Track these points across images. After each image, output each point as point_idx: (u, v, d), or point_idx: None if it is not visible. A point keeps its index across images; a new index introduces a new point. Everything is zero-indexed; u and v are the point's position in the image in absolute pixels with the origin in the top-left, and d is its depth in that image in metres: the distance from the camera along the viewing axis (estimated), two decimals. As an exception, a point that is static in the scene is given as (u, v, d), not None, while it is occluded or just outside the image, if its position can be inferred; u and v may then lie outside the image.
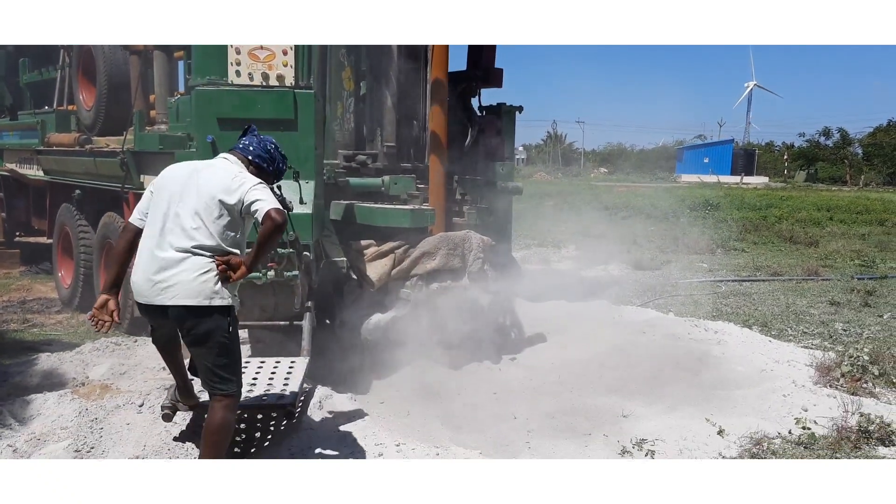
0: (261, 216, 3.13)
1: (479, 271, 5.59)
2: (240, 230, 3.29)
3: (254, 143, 3.43)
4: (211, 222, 3.16)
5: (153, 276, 3.14)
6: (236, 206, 3.18)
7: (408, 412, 4.76)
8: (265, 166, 3.44)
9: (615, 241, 12.71)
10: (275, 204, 3.18)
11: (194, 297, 3.14)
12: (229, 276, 3.17)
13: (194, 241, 3.15)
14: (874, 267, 11.68)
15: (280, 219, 3.12)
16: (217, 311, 3.18)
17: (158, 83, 6.51)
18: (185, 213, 3.16)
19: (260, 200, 3.17)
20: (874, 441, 4.32)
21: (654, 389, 5.27)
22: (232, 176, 3.24)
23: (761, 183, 48.48)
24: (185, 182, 3.23)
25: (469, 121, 6.49)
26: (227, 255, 3.20)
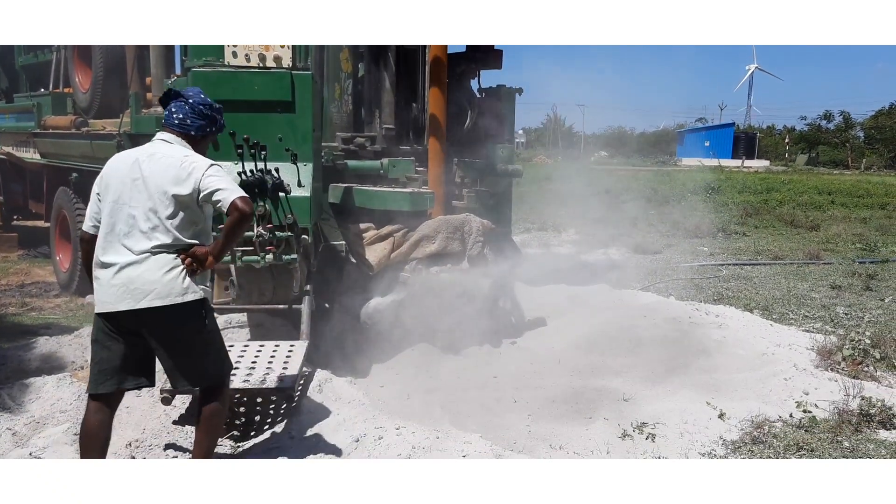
0: (226, 206, 2.96)
1: (478, 255, 5.56)
2: (201, 220, 3.11)
3: (183, 111, 3.14)
4: (167, 219, 2.98)
5: (113, 279, 2.97)
6: (192, 195, 2.98)
7: (408, 395, 4.75)
8: (209, 130, 3.21)
9: (615, 225, 12.69)
10: (238, 191, 3.00)
11: (164, 296, 2.97)
12: (196, 270, 3.03)
13: (153, 241, 2.98)
14: (876, 251, 11.65)
15: (248, 208, 2.96)
16: (191, 308, 3.03)
17: (155, 65, 6.44)
18: (139, 214, 2.98)
19: (221, 189, 2.98)
20: (875, 424, 4.31)
21: (654, 373, 5.26)
22: (179, 164, 3.00)
23: (762, 166, 48.36)
24: (130, 179, 3.01)
25: (468, 103, 6.43)
26: (191, 249, 3.03)
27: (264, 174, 4.30)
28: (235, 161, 4.29)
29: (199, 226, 3.10)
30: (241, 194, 2.99)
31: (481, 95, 6.61)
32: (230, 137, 4.23)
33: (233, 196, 2.96)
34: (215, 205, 3.00)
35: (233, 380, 3.84)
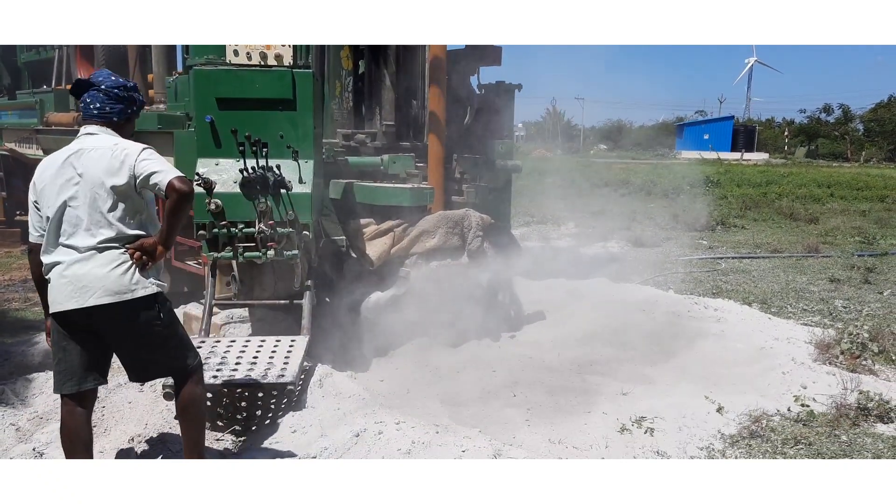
0: (163, 188, 2.85)
1: (478, 249, 5.60)
2: (143, 208, 3.02)
3: (99, 99, 3.01)
4: (109, 212, 2.90)
5: (61, 278, 2.90)
6: (129, 183, 2.89)
7: (407, 390, 4.79)
8: (130, 112, 3.08)
9: (615, 218, 12.71)
10: (174, 171, 2.90)
11: (113, 293, 2.89)
12: (147, 263, 2.96)
13: (98, 237, 2.90)
14: (874, 244, 11.68)
15: (186, 187, 2.85)
16: (142, 303, 2.95)
17: (156, 62, 6.47)
18: (82, 213, 2.89)
19: (157, 172, 2.87)
20: (873, 418, 4.35)
21: (653, 367, 5.30)
22: (110, 153, 2.91)
23: (762, 159, 48.37)
24: (64, 179, 2.92)
25: (468, 99, 6.45)
26: (138, 241, 2.96)
27: (266, 171, 4.33)
28: (237, 158, 4.33)
29: (142, 214, 3.01)
30: (177, 174, 2.88)
31: (480, 91, 6.63)
32: (232, 135, 4.28)
33: (169, 176, 2.86)
34: (153, 188, 2.90)
35: (234, 375, 3.90)
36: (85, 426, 3.08)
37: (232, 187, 4.36)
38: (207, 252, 4.46)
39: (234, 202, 4.36)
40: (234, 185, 4.36)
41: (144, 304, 2.96)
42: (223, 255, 4.45)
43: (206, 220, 4.35)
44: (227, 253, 4.44)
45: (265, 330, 4.87)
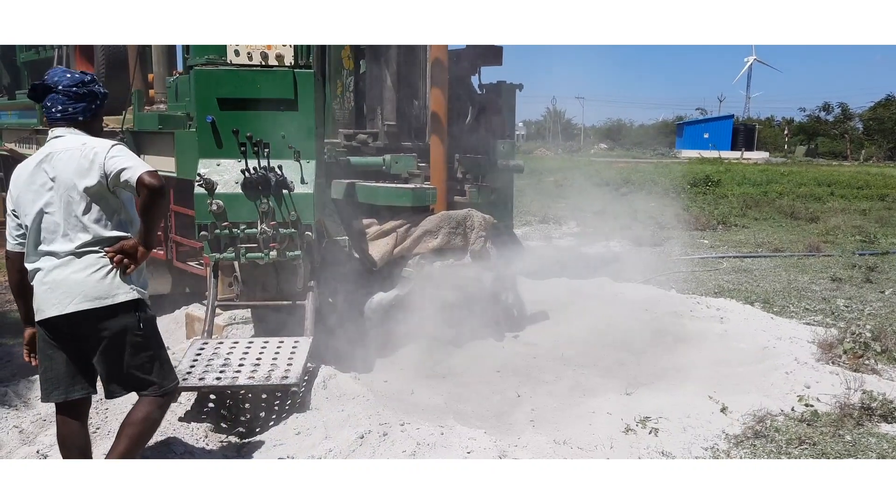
0: (134, 183, 2.76)
1: (481, 249, 5.59)
2: (120, 208, 2.93)
3: (60, 101, 2.91)
4: (84, 215, 2.83)
5: (42, 285, 2.85)
6: (101, 182, 2.81)
7: (412, 391, 4.78)
8: (95, 107, 2.99)
9: (616, 218, 12.70)
10: (144, 166, 2.81)
11: (92, 298, 2.82)
12: (128, 265, 2.87)
13: (76, 241, 2.84)
14: (875, 242, 11.67)
15: (156, 182, 2.76)
16: (122, 309, 2.86)
17: (157, 62, 6.46)
18: (57, 217, 2.83)
19: (127, 169, 2.78)
20: (877, 418, 4.33)
21: (656, 367, 5.30)
22: (80, 154, 2.83)
23: (762, 158, 48.36)
24: (38, 185, 2.85)
25: (469, 99, 6.44)
26: (118, 243, 2.87)
27: (267, 172, 4.32)
28: (239, 158, 4.32)
29: (120, 214, 2.93)
30: (146, 169, 2.79)
31: (482, 91, 6.62)
32: (233, 135, 4.26)
33: (138, 171, 2.77)
34: (125, 185, 2.81)
35: (237, 376, 3.89)
36: (79, 434, 3.05)
37: (233, 188, 4.35)
38: (209, 253, 4.45)
39: (236, 203, 4.35)
40: (236, 186, 4.35)
41: (124, 311, 2.88)
42: (225, 255, 4.44)
43: (208, 221, 4.34)
44: (229, 254, 4.43)
45: (268, 331, 4.85)
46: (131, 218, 2.98)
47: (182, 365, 3.96)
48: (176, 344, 5.49)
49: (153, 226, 2.91)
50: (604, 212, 13.78)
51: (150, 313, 3.02)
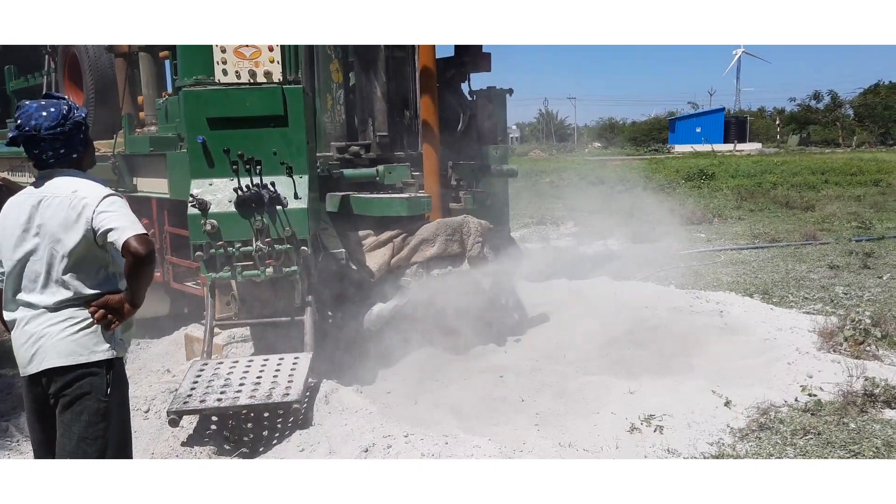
0: (119, 247, 2.56)
1: (478, 255, 5.59)
2: (107, 262, 2.73)
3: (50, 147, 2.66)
4: (66, 273, 2.63)
5: (19, 339, 2.68)
6: (87, 237, 2.61)
7: (415, 401, 4.77)
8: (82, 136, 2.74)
9: (613, 215, 12.71)
10: (134, 228, 2.59)
11: (66, 356, 2.63)
12: (112, 322, 2.68)
13: (55, 296, 2.65)
14: (871, 228, 11.68)
15: (144, 249, 2.55)
16: (94, 369, 2.66)
17: (146, 84, 6.47)
18: (39, 267, 2.64)
19: (114, 229, 2.57)
20: (880, 404, 4.33)
21: (659, 364, 5.29)
22: (68, 203, 2.61)
23: (755, 149, 48.45)
24: (23, 230, 2.65)
25: (460, 106, 6.46)
26: (102, 299, 2.67)
27: (260, 189, 4.32)
28: (231, 177, 4.32)
29: (108, 268, 2.73)
30: (135, 232, 2.57)
31: (472, 98, 6.63)
32: (224, 154, 4.27)
33: (125, 235, 2.55)
34: (110, 247, 2.63)
35: (238, 396, 3.88)
36: None
37: (227, 207, 4.35)
38: (205, 273, 4.45)
39: (230, 221, 4.35)
40: (229, 205, 4.35)
41: (96, 371, 2.67)
42: (221, 275, 4.43)
43: (203, 241, 4.34)
44: (225, 273, 4.43)
45: (268, 348, 4.85)
46: (120, 270, 2.77)
47: (182, 387, 3.95)
48: (176, 366, 5.49)
49: (140, 289, 2.70)
50: (600, 210, 13.81)
51: (122, 381, 2.79)
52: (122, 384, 2.79)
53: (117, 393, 2.74)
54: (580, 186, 18.57)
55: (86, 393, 2.65)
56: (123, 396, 2.80)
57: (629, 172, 22.52)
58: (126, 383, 2.85)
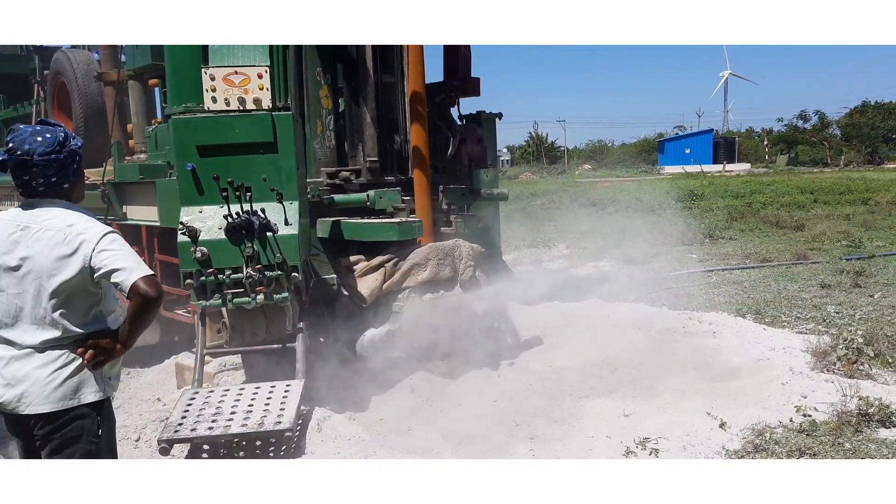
0: (126, 289, 2.47)
1: (470, 279, 5.58)
2: (99, 299, 2.64)
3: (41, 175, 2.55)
4: (55, 311, 2.52)
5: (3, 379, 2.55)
6: (82, 275, 2.50)
7: (408, 427, 4.73)
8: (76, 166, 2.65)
9: (604, 237, 12.75)
10: (141, 269, 2.50)
11: (55, 401, 2.53)
12: (102, 361, 2.59)
13: (40, 336, 2.53)
14: (861, 247, 11.75)
15: (153, 291, 2.47)
16: (84, 411, 2.58)
17: (135, 112, 6.48)
18: (22, 302, 2.51)
19: (120, 270, 2.47)
20: (875, 423, 4.32)
21: (653, 386, 5.27)
22: (62, 238, 2.49)
23: (744, 169, 48.89)
24: (11, 254, 2.52)
25: (450, 130, 6.49)
26: (92, 340, 2.58)
27: (250, 215, 4.31)
28: (221, 204, 4.31)
29: (99, 306, 2.64)
30: (143, 273, 2.48)
31: (462, 122, 6.67)
32: (214, 182, 4.26)
33: (134, 277, 2.46)
34: (116, 287, 2.54)
35: (230, 425, 3.84)
36: None
37: (217, 234, 4.33)
38: (196, 301, 4.42)
39: (221, 249, 4.33)
40: (220, 232, 4.33)
41: (86, 412, 2.59)
42: (212, 302, 4.40)
43: (193, 269, 4.32)
44: (215, 300, 4.40)
45: (259, 376, 4.81)
46: (112, 308, 2.70)
47: (173, 416, 3.91)
48: (166, 395, 5.44)
49: (139, 331, 2.62)
50: (592, 232, 13.86)
51: (111, 422, 2.73)
52: (110, 422, 2.74)
53: (107, 431, 2.70)
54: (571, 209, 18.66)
55: (76, 437, 2.58)
56: (111, 433, 2.76)
57: (620, 194, 22.64)
58: (113, 419, 2.80)
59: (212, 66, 4.44)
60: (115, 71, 6.52)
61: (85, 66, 7.14)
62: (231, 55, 4.53)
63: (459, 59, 6.45)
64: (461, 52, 6.46)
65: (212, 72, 4.41)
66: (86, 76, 7.04)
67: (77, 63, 7.15)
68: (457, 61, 6.46)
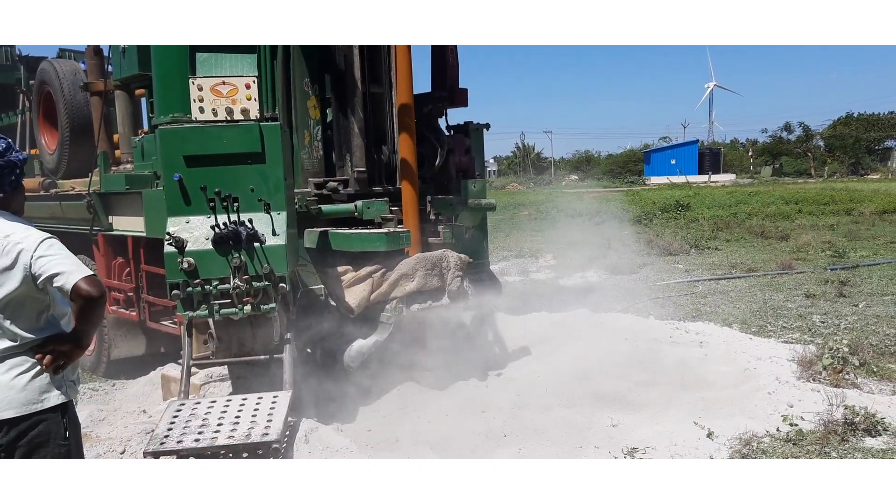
0: (68, 291, 2.49)
1: (458, 289, 5.57)
2: (48, 305, 2.64)
3: None
4: (7, 317, 2.54)
5: None
6: (25, 284, 2.51)
7: (396, 438, 4.71)
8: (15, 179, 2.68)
9: (591, 248, 12.80)
10: (81, 270, 2.52)
11: (18, 406, 2.53)
12: (61, 366, 2.61)
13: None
14: (846, 257, 11.87)
15: (94, 290, 2.49)
16: (49, 415, 2.59)
17: (121, 122, 6.45)
18: None
19: (60, 274, 2.49)
20: (861, 432, 4.36)
21: (640, 396, 5.28)
22: (1, 247, 2.51)
23: (729, 180, 49.33)
24: None
25: (438, 141, 6.50)
26: (49, 345, 2.59)
27: (238, 226, 4.29)
28: (208, 215, 4.29)
29: (49, 311, 2.65)
30: (83, 274, 2.50)
31: (450, 132, 6.68)
32: (201, 192, 4.24)
33: (74, 278, 2.48)
34: (59, 290, 2.56)
35: (216, 437, 3.80)
36: None
37: (204, 244, 4.31)
38: (182, 311, 4.38)
39: (207, 259, 4.30)
40: (207, 242, 4.31)
41: (51, 416, 2.60)
42: (199, 313, 4.37)
43: (180, 279, 4.29)
44: (202, 311, 4.37)
45: (246, 387, 4.77)
46: (63, 312, 2.72)
47: (159, 428, 3.87)
48: (152, 406, 5.39)
49: (90, 330, 2.66)
50: (579, 243, 13.90)
51: (76, 423, 2.75)
52: (75, 425, 2.74)
53: (73, 434, 2.70)
54: (558, 219, 18.71)
55: (43, 441, 2.59)
56: (78, 436, 2.77)
57: (606, 204, 22.75)
58: (78, 423, 2.81)
59: (199, 77, 4.43)
60: (102, 81, 6.48)
61: (71, 75, 7.10)
62: (219, 65, 4.52)
63: (447, 69, 6.47)
64: (449, 62, 6.48)
65: (199, 82, 4.39)
66: (72, 86, 7.00)
67: (63, 73, 7.11)
68: (444, 72, 6.48)
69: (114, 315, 6.41)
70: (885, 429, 4.40)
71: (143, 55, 5.78)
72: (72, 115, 6.99)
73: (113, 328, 6.52)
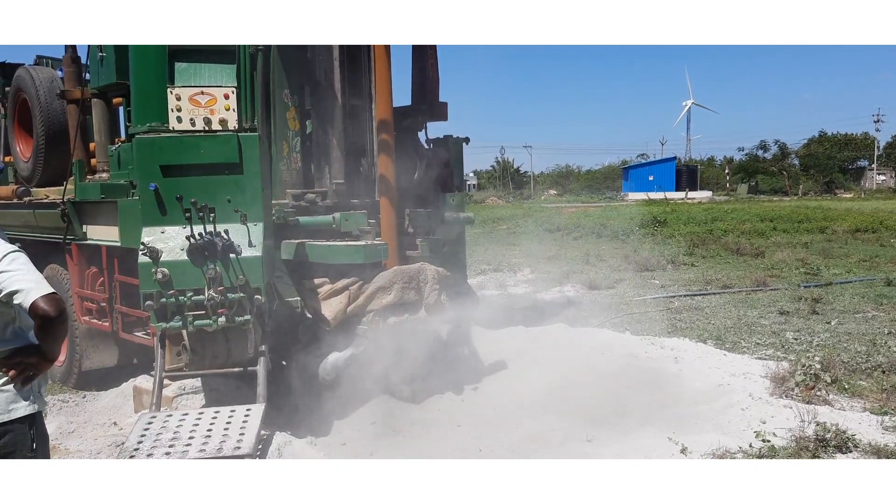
0: (27, 309, 2.50)
1: (435, 303, 5.57)
2: (15, 317, 2.65)
3: None
4: None
5: None
6: None
7: (371, 453, 4.68)
8: None
9: (568, 262, 12.86)
10: (41, 288, 2.51)
11: None
12: (31, 376, 2.62)
13: None
14: (819, 274, 12.03)
15: (53, 311, 2.48)
16: (17, 425, 2.59)
17: (98, 131, 6.38)
18: None
19: (20, 291, 2.49)
20: (832, 449, 4.40)
21: (615, 411, 5.30)
22: None
23: (706, 197, 49.93)
24: None
25: (417, 154, 6.51)
26: (16, 357, 2.60)
27: (213, 236, 4.26)
28: (184, 225, 4.25)
29: (15, 323, 2.65)
30: (43, 292, 2.50)
31: (429, 146, 6.70)
32: (177, 202, 4.21)
33: (33, 296, 2.48)
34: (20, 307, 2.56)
35: (187, 450, 3.75)
36: None
37: (179, 255, 4.27)
38: (156, 322, 4.34)
39: (182, 270, 4.26)
40: (182, 253, 4.27)
41: (19, 427, 2.59)
42: (172, 324, 4.33)
43: (154, 290, 4.24)
44: (176, 322, 4.32)
45: (219, 400, 4.72)
46: (30, 323, 2.68)
47: (129, 441, 3.81)
48: (123, 419, 5.31)
49: (54, 346, 2.64)
50: (556, 257, 13.97)
51: (44, 433, 2.74)
52: (44, 436, 2.74)
53: (42, 445, 2.70)
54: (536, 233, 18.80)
55: (10, 452, 2.58)
56: (46, 447, 2.77)
57: (584, 219, 22.90)
58: (46, 435, 2.79)
59: (178, 86, 4.41)
60: (79, 89, 6.42)
61: (48, 83, 7.03)
62: (198, 75, 4.50)
63: (427, 82, 6.49)
64: (429, 76, 6.50)
65: (178, 91, 4.37)
66: (48, 94, 6.93)
67: (40, 80, 7.03)
68: (425, 85, 6.50)
69: (86, 325, 6.32)
70: (855, 445, 4.45)
71: (121, 63, 5.73)
72: (47, 123, 6.92)
73: (85, 339, 6.42)
